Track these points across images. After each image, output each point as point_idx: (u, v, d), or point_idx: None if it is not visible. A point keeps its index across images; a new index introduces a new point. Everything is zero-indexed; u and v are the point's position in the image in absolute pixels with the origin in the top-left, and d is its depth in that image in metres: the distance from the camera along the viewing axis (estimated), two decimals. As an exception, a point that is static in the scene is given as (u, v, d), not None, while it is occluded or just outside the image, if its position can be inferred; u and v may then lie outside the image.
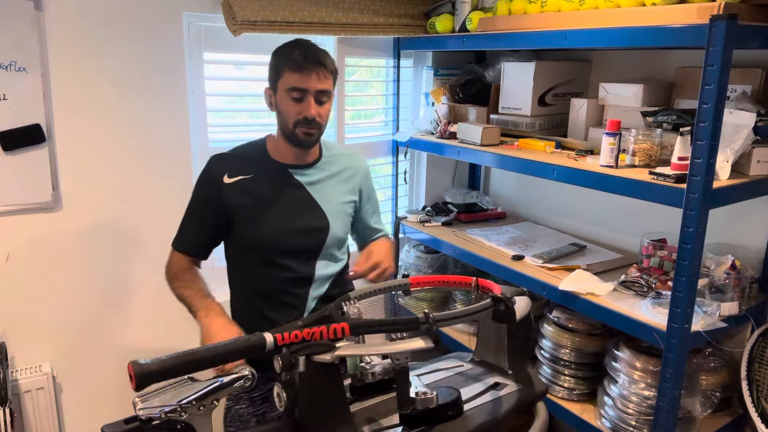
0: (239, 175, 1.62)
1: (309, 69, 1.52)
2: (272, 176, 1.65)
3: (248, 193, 1.61)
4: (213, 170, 1.64)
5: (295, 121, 1.57)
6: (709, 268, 1.70)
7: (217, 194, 1.61)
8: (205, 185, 1.65)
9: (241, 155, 1.68)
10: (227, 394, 1.04)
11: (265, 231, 1.60)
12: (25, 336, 2.05)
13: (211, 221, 1.64)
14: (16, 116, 1.88)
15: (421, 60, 2.73)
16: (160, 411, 0.96)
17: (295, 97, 1.54)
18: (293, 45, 1.57)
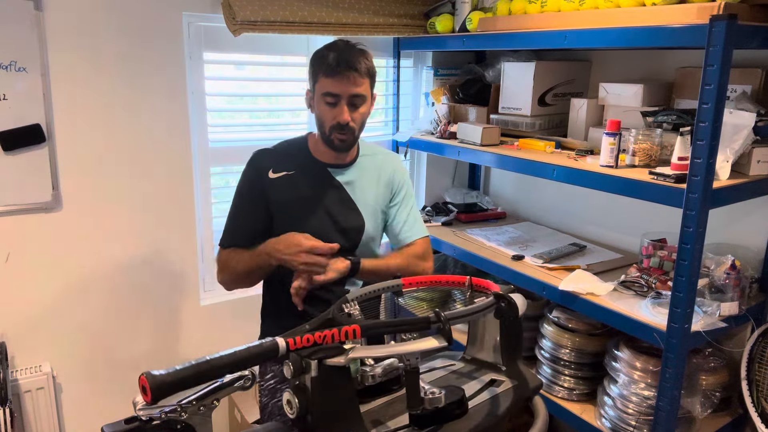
0: (283, 171, 1.65)
1: (341, 74, 1.53)
2: (313, 174, 1.67)
3: (291, 190, 1.64)
4: (259, 164, 1.66)
5: (331, 126, 1.59)
6: (709, 268, 1.70)
7: (263, 188, 1.63)
8: (252, 178, 1.66)
9: (284, 151, 1.70)
10: (227, 394, 1.04)
11: (305, 229, 1.60)
12: (25, 336, 2.05)
13: (260, 214, 1.65)
14: (16, 116, 1.88)
15: (421, 60, 2.73)
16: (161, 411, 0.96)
17: (329, 102, 1.57)
18: (329, 48, 1.58)
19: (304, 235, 1.54)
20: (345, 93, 1.55)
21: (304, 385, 0.95)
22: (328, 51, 1.57)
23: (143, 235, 2.20)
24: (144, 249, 2.21)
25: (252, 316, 1.84)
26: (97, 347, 2.20)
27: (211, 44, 2.21)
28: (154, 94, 2.11)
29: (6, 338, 2.00)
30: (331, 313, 1.11)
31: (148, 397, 0.83)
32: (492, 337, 1.21)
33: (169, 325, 2.32)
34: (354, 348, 0.97)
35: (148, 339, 2.29)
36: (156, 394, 0.84)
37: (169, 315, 2.32)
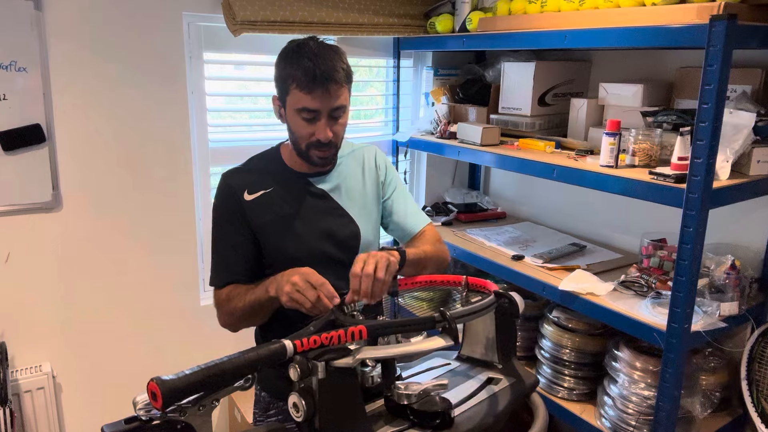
0: (259, 190, 1.46)
1: (318, 88, 1.33)
2: (293, 188, 1.50)
3: (272, 209, 1.46)
4: (230, 188, 1.47)
5: (308, 144, 1.41)
6: (709, 268, 1.70)
7: (240, 212, 1.45)
8: (226, 205, 1.47)
9: (257, 168, 1.52)
10: (227, 394, 1.04)
11: (294, 247, 1.45)
12: (25, 336, 2.05)
13: (246, 241, 1.46)
14: (16, 116, 1.88)
15: (421, 60, 2.73)
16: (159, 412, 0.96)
17: (306, 117, 1.38)
18: (299, 52, 1.37)
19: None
20: (325, 108, 1.36)
21: (310, 388, 0.94)
22: (299, 57, 1.35)
23: (143, 235, 2.20)
24: (144, 249, 2.21)
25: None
26: (97, 347, 2.20)
27: (211, 44, 2.21)
28: (154, 94, 2.11)
29: (6, 338, 2.00)
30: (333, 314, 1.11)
31: (159, 404, 0.81)
32: (487, 335, 1.21)
33: (169, 325, 2.32)
34: (361, 349, 0.96)
35: (148, 339, 2.29)
36: (167, 400, 0.82)
37: (169, 315, 2.32)
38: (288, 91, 1.39)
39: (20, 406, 1.99)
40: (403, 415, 1.02)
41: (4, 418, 1.76)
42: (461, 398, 1.08)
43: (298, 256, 1.44)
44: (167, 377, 0.84)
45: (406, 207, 1.64)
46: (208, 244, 2.35)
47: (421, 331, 1.01)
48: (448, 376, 1.17)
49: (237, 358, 0.91)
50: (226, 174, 1.51)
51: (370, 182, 1.60)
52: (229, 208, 1.46)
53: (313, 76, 1.33)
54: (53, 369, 2.07)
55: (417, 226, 1.63)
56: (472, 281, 1.29)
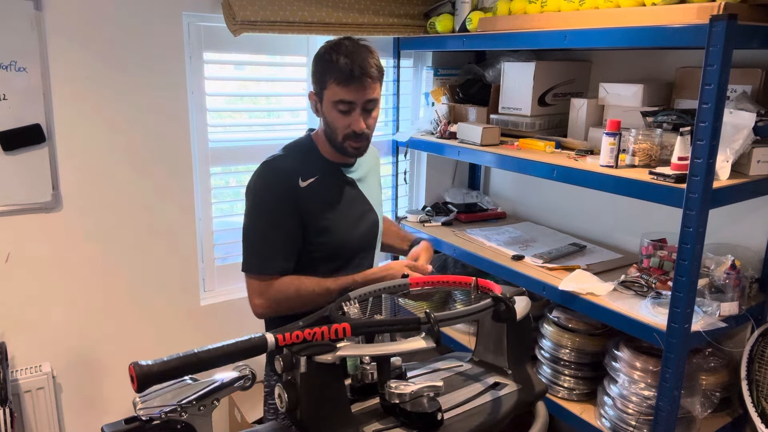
0: (310, 177, 1.54)
1: (356, 81, 1.45)
2: (332, 177, 1.60)
3: (321, 196, 1.55)
4: (286, 173, 1.52)
5: (344, 135, 1.52)
6: (709, 268, 1.70)
7: (295, 200, 1.51)
8: (281, 191, 1.51)
9: (300, 156, 1.59)
10: (227, 394, 1.04)
11: (342, 234, 1.57)
12: (25, 336, 2.05)
13: (297, 231, 1.52)
14: (16, 116, 1.88)
15: (421, 60, 2.73)
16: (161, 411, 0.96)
17: (342, 110, 1.49)
18: (336, 50, 1.47)
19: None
20: (360, 100, 1.48)
21: (294, 381, 0.96)
22: (336, 54, 1.46)
23: (143, 235, 2.19)
24: (144, 249, 2.21)
25: (252, 316, 1.84)
26: (97, 347, 2.20)
27: (211, 44, 2.21)
28: (154, 94, 2.11)
29: (6, 338, 2.00)
30: (328, 310, 1.12)
31: (135, 386, 0.85)
32: (499, 339, 1.21)
33: (169, 324, 2.32)
34: (344, 346, 0.97)
35: (148, 339, 2.29)
36: (142, 383, 0.86)
37: (169, 315, 2.32)
38: (326, 86, 1.49)
39: (20, 406, 1.99)
40: (394, 414, 1.02)
41: (4, 418, 1.76)
42: (459, 401, 1.08)
43: (343, 240, 1.57)
44: (145, 362, 0.87)
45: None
46: (209, 244, 2.37)
47: (405, 331, 1.01)
48: (454, 378, 1.17)
49: (216, 348, 0.94)
50: (275, 161, 1.55)
51: (378, 177, 1.79)
52: (284, 194, 1.50)
53: (350, 71, 1.44)
54: (53, 369, 2.07)
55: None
56: (481, 283, 1.30)
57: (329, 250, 1.55)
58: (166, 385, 1.04)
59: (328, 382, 0.98)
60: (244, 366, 1.06)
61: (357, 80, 1.45)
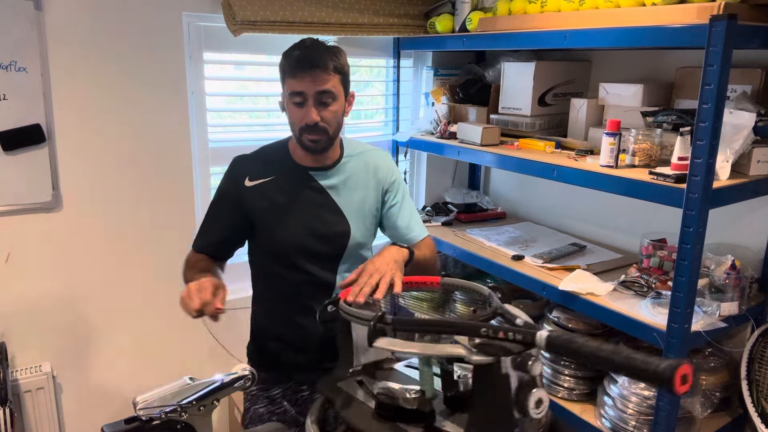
0: (260, 179, 1.58)
1: (305, 71, 1.45)
2: (293, 180, 1.59)
3: (268, 197, 1.57)
4: (236, 172, 1.61)
5: (300, 128, 1.51)
6: (709, 268, 1.70)
7: (238, 197, 1.58)
8: (227, 187, 1.61)
9: (264, 157, 1.63)
10: (227, 394, 1.04)
11: (283, 236, 1.56)
12: (25, 336, 2.05)
13: (231, 223, 1.61)
14: (16, 116, 1.88)
15: (421, 60, 2.73)
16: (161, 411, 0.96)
17: (296, 101, 1.49)
18: (296, 46, 1.51)
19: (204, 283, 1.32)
20: (311, 90, 1.46)
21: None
22: (293, 50, 1.49)
23: (143, 235, 2.20)
24: (144, 249, 2.21)
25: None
26: (98, 347, 2.20)
27: (211, 44, 2.21)
28: (154, 94, 2.11)
29: (6, 338, 2.00)
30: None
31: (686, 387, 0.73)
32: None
33: (170, 324, 2.32)
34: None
35: (149, 339, 2.29)
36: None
37: (169, 315, 2.32)
38: (284, 80, 1.50)
39: (20, 406, 1.99)
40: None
41: (4, 418, 1.76)
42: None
43: (284, 244, 1.57)
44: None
45: (410, 218, 1.70)
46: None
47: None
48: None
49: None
50: (237, 158, 1.64)
51: (371, 187, 1.65)
52: (228, 189, 1.60)
53: (298, 61, 1.45)
54: (53, 369, 2.07)
55: (417, 238, 1.68)
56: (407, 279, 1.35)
57: (273, 247, 1.58)
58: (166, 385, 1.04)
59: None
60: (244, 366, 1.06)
61: (304, 69, 1.45)
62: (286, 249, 1.57)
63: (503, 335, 0.87)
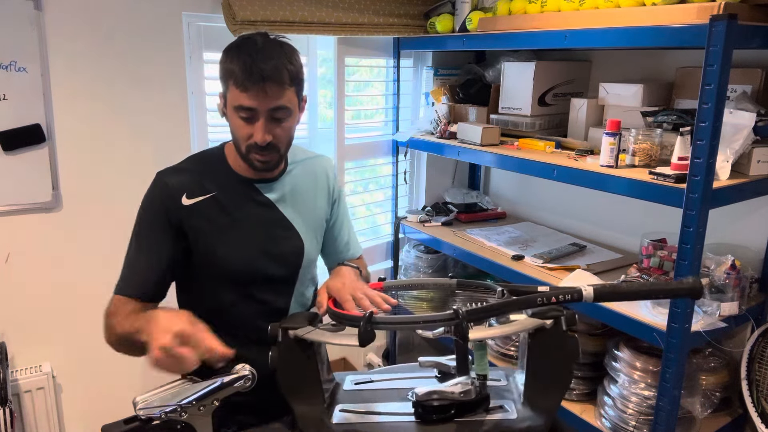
0: (200, 195, 1.34)
1: (256, 85, 1.22)
2: (238, 194, 1.37)
3: (212, 217, 1.34)
4: (168, 190, 1.34)
5: (247, 146, 1.29)
6: (709, 268, 1.70)
7: (174, 219, 1.32)
8: (158, 209, 1.34)
9: (198, 169, 1.39)
10: (228, 393, 1.03)
11: (231, 260, 1.34)
12: (25, 336, 2.05)
13: (168, 253, 1.33)
14: (16, 116, 1.88)
15: (421, 60, 2.73)
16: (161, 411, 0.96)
17: (243, 116, 1.26)
18: (242, 48, 1.25)
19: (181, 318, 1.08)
20: (263, 108, 1.24)
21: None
22: (240, 52, 1.24)
23: (143, 235, 2.19)
24: (144, 249, 2.21)
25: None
26: (97, 347, 2.19)
27: (211, 44, 2.21)
28: (154, 94, 2.11)
29: (6, 338, 2.00)
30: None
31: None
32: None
33: (169, 325, 2.32)
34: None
35: (148, 339, 2.28)
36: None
37: (169, 315, 2.32)
38: (227, 87, 1.27)
39: (20, 406, 1.99)
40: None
41: (4, 418, 1.76)
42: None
43: (233, 269, 1.35)
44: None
45: (349, 234, 1.58)
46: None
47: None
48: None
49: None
50: (163, 173, 1.38)
51: (321, 196, 1.50)
52: (162, 210, 1.33)
53: (250, 73, 1.21)
54: (53, 369, 2.07)
55: (355, 255, 1.58)
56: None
57: (221, 276, 1.35)
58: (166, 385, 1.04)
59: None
60: (244, 366, 1.06)
61: (257, 84, 1.22)
62: (234, 276, 1.35)
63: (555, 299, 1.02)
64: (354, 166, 2.61)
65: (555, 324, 1.07)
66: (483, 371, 1.09)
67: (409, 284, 1.34)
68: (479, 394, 1.06)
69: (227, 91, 1.28)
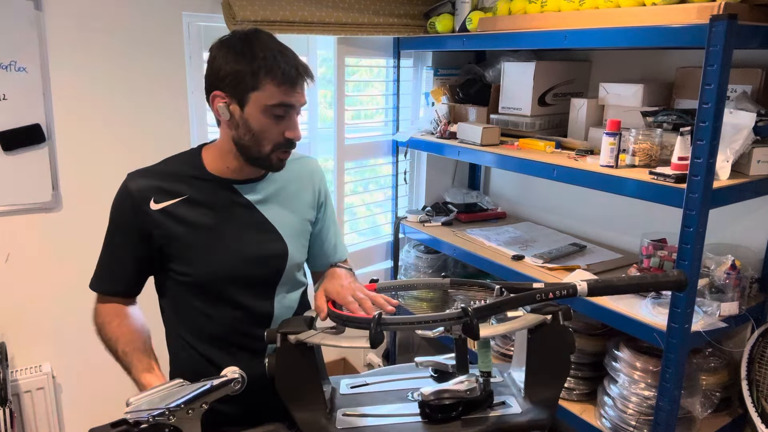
0: (170, 199, 1.30)
1: (299, 81, 1.25)
2: (213, 196, 1.33)
3: (184, 220, 1.30)
4: (133, 194, 1.30)
5: (276, 144, 1.27)
6: (709, 268, 1.70)
7: (141, 224, 1.29)
8: (125, 212, 1.32)
9: (169, 172, 1.35)
10: (217, 397, 1.01)
11: (211, 265, 1.30)
12: (25, 336, 2.05)
13: (136, 255, 1.34)
14: (16, 116, 1.88)
15: (421, 60, 2.73)
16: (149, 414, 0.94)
17: (278, 114, 1.25)
18: (263, 45, 1.25)
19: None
20: (299, 103, 1.27)
21: None
22: (264, 49, 1.23)
23: (143, 235, 2.19)
24: (144, 249, 2.21)
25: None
26: (97, 347, 2.19)
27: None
28: (154, 93, 2.11)
29: (6, 338, 2.00)
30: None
31: None
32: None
33: (169, 325, 2.32)
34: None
35: (148, 339, 2.28)
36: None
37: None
38: (257, 86, 1.23)
39: (20, 406, 1.99)
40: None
41: (4, 418, 1.76)
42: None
43: (210, 274, 1.31)
44: None
45: (336, 237, 1.54)
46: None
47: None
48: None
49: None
50: (131, 175, 1.35)
51: (306, 198, 1.45)
52: (126, 216, 1.32)
53: (295, 69, 1.23)
54: (53, 369, 2.07)
55: (343, 257, 1.55)
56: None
57: (196, 280, 1.32)
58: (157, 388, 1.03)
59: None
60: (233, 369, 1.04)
61: (301, 79, 1.25)
62: (212, 279, 1.32)
63: (552, 295, 1.04)
64: (354, 166, 2.61)
65: (553, 319, 1.09)
66: (487, 368, 1.11)
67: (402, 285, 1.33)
68: (484, 391, 1.07)
69: (256, 90, 1.24)
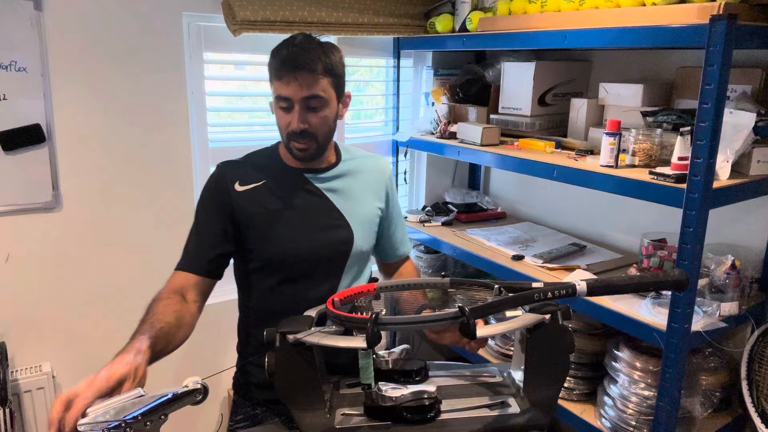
0: (251, 183, 1.46)
1: (290, 74, 1.34)
2: (287, 183, 1.48)
3: (262, 203, 1.45)
4: (222, 177, 1.47)
5: (287, 134, 1.42)
6: (709, 268, 1.70)
7: (227, 203, 1.44)
8: (214, 193, 1.47)
9: (253, 162, 1.52)
10: (178, 408, 0.98)
11: (281, 244, 1.43)
12: (25, 336, 2.05)
13: (222, 233, 1.44)
14: (16, 116, 1.88)
15: (421, 60, 2.73)
16: (103, 428, 0.92)
17: (282, 106, 1.40)
18: (283, 44, 1.39)
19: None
20: (297, 96, 1.36)
21: None
22: (281, 48, 1.37)
23: (143, 235, 2.19)
24: (144, 249, 2.21)
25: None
26: (97, 347, 2.20)
27: (211, 44, 2.21)
28: (154, 94, 2.11)
29: (6, 338, 2.00)
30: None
31: None
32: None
33: (169, 325, 2.32)
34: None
35: (148, 339, 2.28)
36: None
37: (169, 315, 2.32)
38: (271, 80, 1.41)
39: (20, 406, 1.99)
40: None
41: (4, 418, 1.76)
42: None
43: (280, 253, 1.44)
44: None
45: (403, 232, 1.70)
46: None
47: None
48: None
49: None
50: (222, 163, 1.52)
51: (375, 193, 1.58)
52: (218, 195, 1.46)
53: (283, 63, 1.35)
54: (53, 369, 2.07)
55: (406, 253, 1.72)
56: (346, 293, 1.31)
57: (268, 258, 1.44)
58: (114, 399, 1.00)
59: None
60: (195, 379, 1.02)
61: (291, 72, 1.34)
62: (284, 258, 1.44)
63: (551, 294, 1.02)
64: (354, 166, 2.61)
65: (552, 318, 1.08)
66: (367, 380, 1.05)
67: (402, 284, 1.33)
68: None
69: (272, 85, 1.41)
